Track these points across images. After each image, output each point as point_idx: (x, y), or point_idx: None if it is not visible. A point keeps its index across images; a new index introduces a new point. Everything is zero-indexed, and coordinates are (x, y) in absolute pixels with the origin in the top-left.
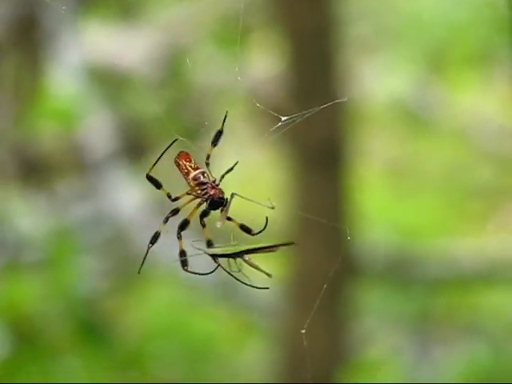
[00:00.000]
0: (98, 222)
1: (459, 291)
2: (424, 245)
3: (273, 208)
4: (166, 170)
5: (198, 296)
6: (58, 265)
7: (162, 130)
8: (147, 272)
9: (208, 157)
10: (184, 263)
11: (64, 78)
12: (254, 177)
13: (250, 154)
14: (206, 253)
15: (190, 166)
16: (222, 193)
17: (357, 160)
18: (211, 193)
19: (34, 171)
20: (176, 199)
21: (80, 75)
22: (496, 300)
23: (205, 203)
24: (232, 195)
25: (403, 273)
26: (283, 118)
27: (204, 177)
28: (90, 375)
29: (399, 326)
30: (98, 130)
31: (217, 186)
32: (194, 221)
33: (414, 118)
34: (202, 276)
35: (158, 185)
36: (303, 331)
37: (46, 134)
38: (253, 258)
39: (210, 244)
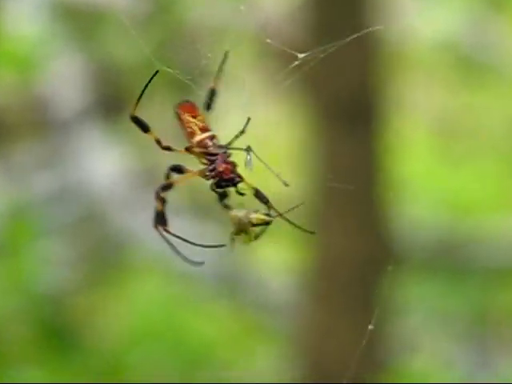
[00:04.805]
0: (66, 197)
1: None
2: (481, 224)
3: (287, 185)
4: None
5: (195, 291)
6: (14, 252)
7: (147, 78)
8: (130, 260)
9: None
10: (161, 221)
11: (23, 14)
12: (267, 137)
13: (262, 109)
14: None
15: (196, 125)
16: (234, 168)
17: (395, 116)
18: (220, 169)
19: None
20: (168, 148)
21: (43, 11)
22: None
23: (211, 179)
24: (248, 149)
25: (454, 261)
26: (300, 56)
27: (213, 144)
28: None
29: (450, 327)
30: (65, 79)
31: (228, 158)
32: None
33: (469, 63)
34: (199, 267)
35: (144, 127)
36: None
37: (1, 84)
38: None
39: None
